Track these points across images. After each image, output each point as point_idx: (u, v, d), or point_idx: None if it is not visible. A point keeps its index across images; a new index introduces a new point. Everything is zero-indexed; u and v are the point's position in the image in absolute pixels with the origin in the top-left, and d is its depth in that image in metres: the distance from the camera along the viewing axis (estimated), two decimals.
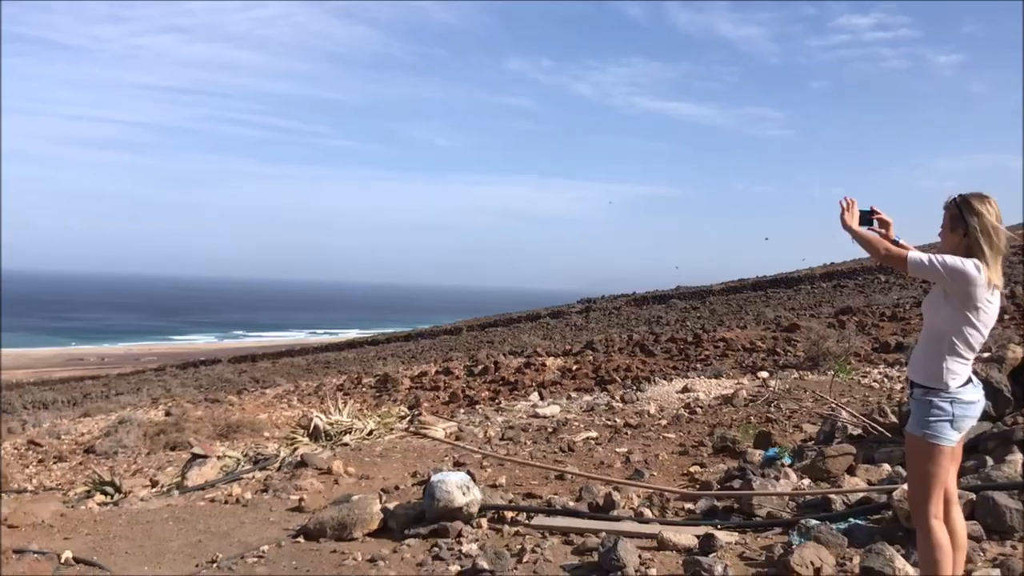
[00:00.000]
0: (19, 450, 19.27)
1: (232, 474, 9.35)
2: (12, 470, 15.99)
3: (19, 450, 19.27)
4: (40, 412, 30.69)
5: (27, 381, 56.65)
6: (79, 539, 6.75)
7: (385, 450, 9.88)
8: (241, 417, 20.20)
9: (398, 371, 27.23)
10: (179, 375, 47.54)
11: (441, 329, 61.42)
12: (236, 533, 6.75)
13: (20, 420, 25.65)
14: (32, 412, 30.87)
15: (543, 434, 10.52)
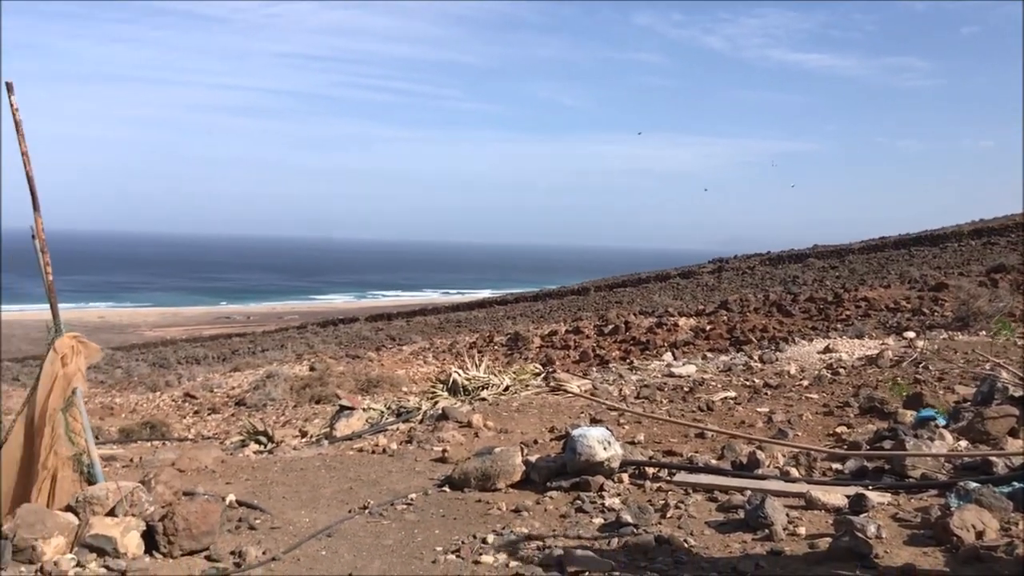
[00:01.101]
0: (176, 402, 20.51)
1: (377, 425, 9.69)
2: (171, 420, 17.06)
3: (176, 402, 20.51)
4: (193, 367, 32.52)
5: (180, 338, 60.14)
6: (239, 484, 7.15)
7: (521, 405, 10.01)
8: (380, 372, 20.87)
9: (528, 330, 27.48)
10: (320, 332, 49.43)
11: (569, 289, 61.50)
12: (384, 481, 7.00)
13: (176, 374, 27.28)
14: (186, 367, 32.75)
15: (679, 393, 10.43)
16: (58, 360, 5.59)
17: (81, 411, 5.62)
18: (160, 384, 23.57)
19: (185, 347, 48.74)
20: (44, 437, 5.40)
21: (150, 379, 25.79)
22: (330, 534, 5.55)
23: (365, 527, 5.71)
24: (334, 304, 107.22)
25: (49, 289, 5.84)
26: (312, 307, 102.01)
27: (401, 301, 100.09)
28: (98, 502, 5.28)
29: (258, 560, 5.01)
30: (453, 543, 5.28)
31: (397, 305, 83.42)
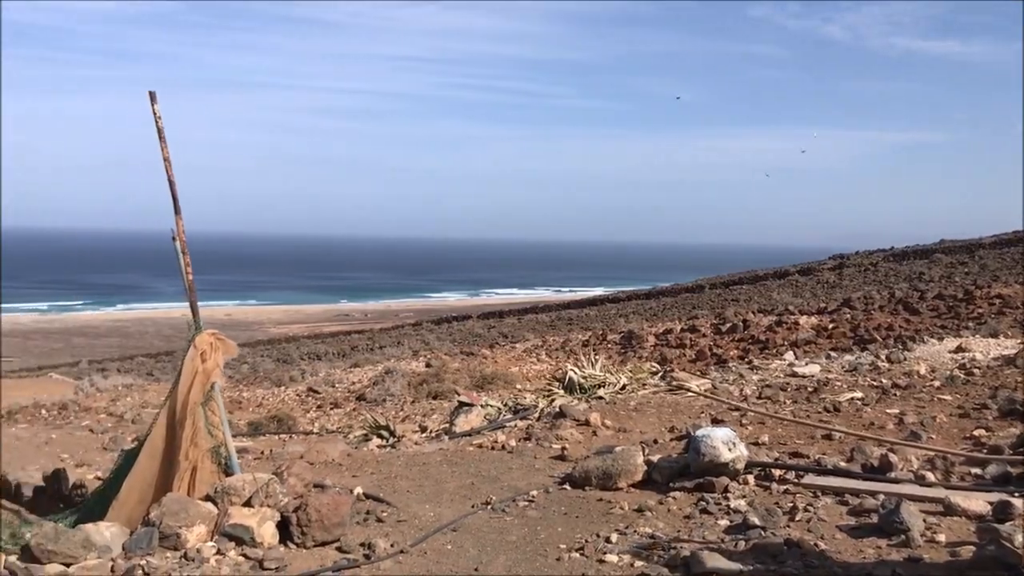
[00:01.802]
0: (300, 397, 21.17)
1: (495, 422, 9.78)
2: (296, 414, 17.62)
3: (300, 397, 21.17)
4: (315, 363, 33.55)
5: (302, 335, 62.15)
6: (365, 477, 7.34)
7: (639, 404, 9.93)
8: (494, 369, 21.03)
9: (642, 328, 27.22)
10: (434, 330, 50.25)
11: (682, 287, 60.61)
12: (505, 478, 7.06)
13: (299, 370, 28.16)
14: (308, 363, 33.82)
15: (803, 393, 10.14)
16: (198, 356, 5.85)
17: (219, 405, 5.87)
18: (284, 379, 24.38)
19: (307, 343, 50.34)
20: (185, 429, 5.66)
21: (275, 374, 26.73)
22: (455, 528, 5.64)
23: (489, 523, 5.78)
24: (447, 302, 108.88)
25: (190, 288, 6.11)
26: (426, 305, 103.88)
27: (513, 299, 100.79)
28: (235, 492, 5.50)
29: (387, 552, 5.13)
30: (576, 541, 5.28)
31: (509, 303, 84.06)
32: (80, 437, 13.57)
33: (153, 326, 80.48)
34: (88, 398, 22.26)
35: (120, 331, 76.66)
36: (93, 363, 46.32)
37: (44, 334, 73.29)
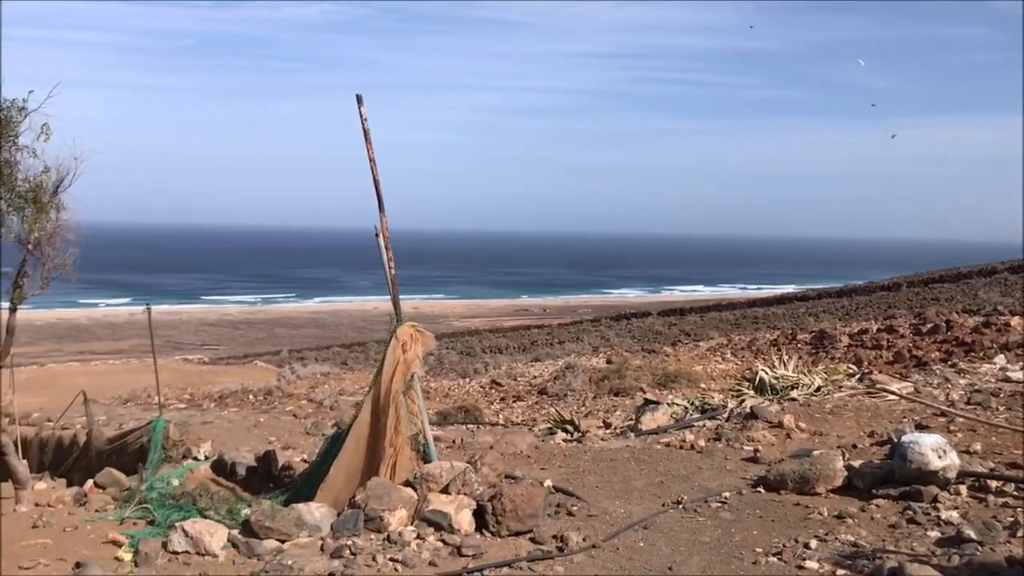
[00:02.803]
0: (484, 388, 21.66)
1: (682, 421, 9.65)
2: (480, 405, 18.04)
3: (484, 388, 21.66)
4: (497, 356, 34.21)
5: (483, 329, 63.53)
6: (553, 470, 7.42)
7: (835, 407, 9.52)
8: (677, 368, 20.72)
9: (834, 327, 26.06)
10: (613, 326, 50.11)
11: (877, 285, 57.50)
12: (695, 478, 6.96)
13: (483, 363, 28.83)
14: (491, 356, 34.54)
15: (1018, 400, 9.40)
16: (399, 347, 6.11)
17: (418, 395, 6.11)
18: (469, 371, 25.03)
19: (488, 337, 51.41)
20: (389, 417, 5.93)
21: (460, 366, 27.49)
22: (646, 526, 5.61)
23: (680, 522, 5.71)
24: (627, 298, 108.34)
25: (392, 282, 6.38)
26: (604, 301, 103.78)
27: (695, 296, 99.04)
28: (433, 479, 5.71)
29: (579, 546, 5.17)
30: (773, 545, 5.13)
31: (691, 300, 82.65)
32: (285, 421, 14.47)
33: (347, 318, 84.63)
34: (289, 385, 23.69)
35: (317, 322, 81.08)
36: (293, 352, 49.20)
37: (249, 324, 78.59)
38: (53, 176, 9.57)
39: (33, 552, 7.73)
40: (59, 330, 64.46)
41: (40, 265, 10.17)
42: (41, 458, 14.76)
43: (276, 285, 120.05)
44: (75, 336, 65.25)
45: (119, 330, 70.81)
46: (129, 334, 67.21)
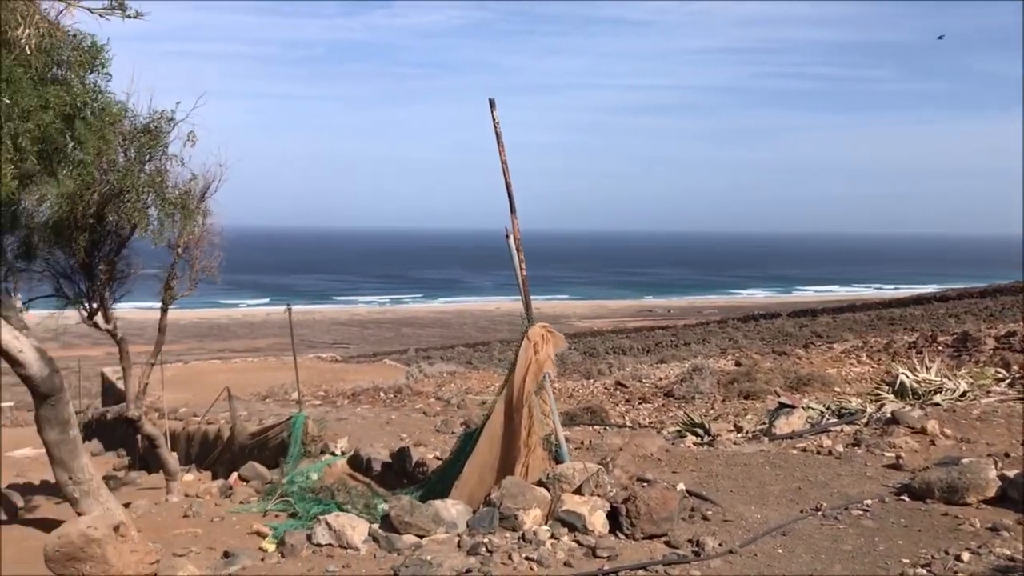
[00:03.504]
0: (608, 390, 21.56)
1: (818, 426, 9.36)
2: (606, 406, 17.98)
3: (608, 390, 21.56)
4: (621, 357, 34.00)
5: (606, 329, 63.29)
6: (685, 474, 7.32)
7: (983, 413, 9.04)
8: (810, 371, 20.11)
9: (978, 329, 24.76)
10: (741, 327, 49.04)
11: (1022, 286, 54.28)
12: (834, 484, 6.74)
13: (607, 364, 28.70)
14: (614, 357, 34.36)
15: None
16: (531, 347, 6.17)
17: (549, 395, 6.15)
18: (593, 372, 24.95)
19: (612, 338, 51.15)
20: (522, 417, 5.99)
21: (583, 367, 27.44)
22: (784, 533, 5.47)
23: (820, 529, 5.55)
24: (754, 299, 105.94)
25: (523, 284, 6.44)
26: (730, 302, 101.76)
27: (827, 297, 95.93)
28: (566, 480, 5.73)
29: (715, 551, 5.09)
30: (921, 556, 4.93)
31: (820, 300, 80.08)
32: (415, 419, 14.79)
33: (471, 318, 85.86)
34: (417, 383, 24.19)
35: (442, 322, 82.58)
36: (419, 351, 50.23)
37: (378, 324, 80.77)
38: (200, 183, 10.13)
39: (185, 540, 8.19)
40: (201, 329, 67.83)
41: (188, 268, 10.80)
42: (188, 451, 15.60)
43: (403, 286, 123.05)
44: (216, 335, 68.57)
45: (257, 329, 74.02)
46: (266, 333, 70.17)
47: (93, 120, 7.71)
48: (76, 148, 7.68)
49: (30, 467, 18.95)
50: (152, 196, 9.55)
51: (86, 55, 7.42)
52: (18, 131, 6.89)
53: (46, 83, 7.25)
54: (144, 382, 10.85)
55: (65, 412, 7.64)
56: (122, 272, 10.37)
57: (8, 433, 28.68)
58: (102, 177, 9.10)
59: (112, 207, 9.46)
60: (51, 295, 10.17)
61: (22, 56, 6.78)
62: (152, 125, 9.30)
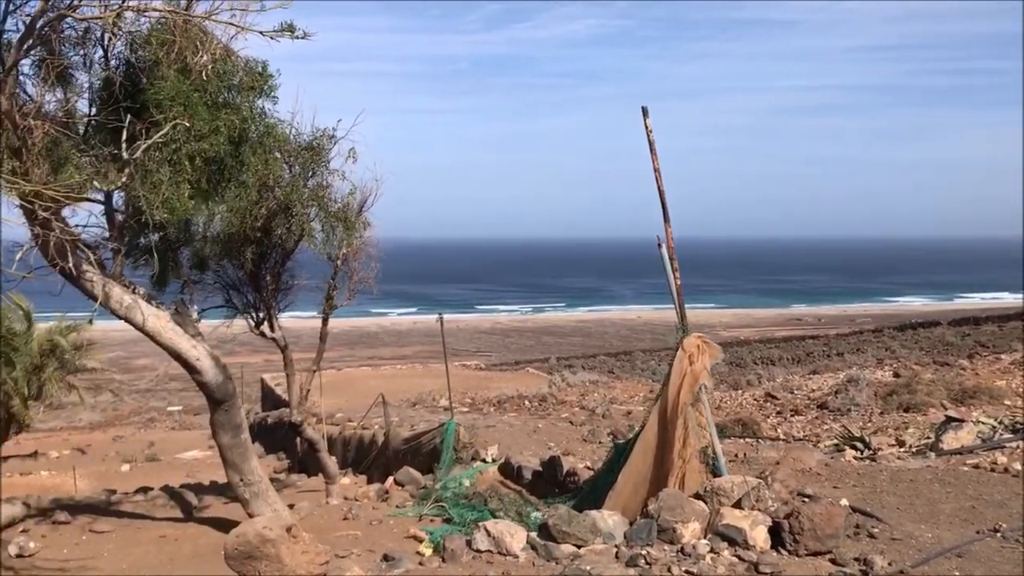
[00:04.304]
0: (758, 401, 21.00)
1: (990, 441, 8.84)
2: (757, 418, 17.51)
3: (758, 401, 21.00)
4: (770, 368, 33.07)
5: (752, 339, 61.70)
6: (846, 489, 7.06)
7: None
8: (976, 382, 19.00)
9: None
10: (897, 337, 46.82)
11: None
12: (1012, 504, 6.35)
13: (755, 374, 28.00)
14: (763, 367, 33.47)
15: None
16: (686, 358, 6.10)
17: (705, 407, 6.06)
18: (741, 383, 24.38)
19: (759, 348, 49.81)
20: (676, 429, 5.93)
21: (731, 378, 26.86)
22: (960, 554, 5.20)
23: (1000, 552, 5.24)
24: (911, 307, 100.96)
25: (677, 292, 6.38)
26: (885, 310, 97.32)
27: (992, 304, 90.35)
28: (724, 494, 5.63)
29: (885, 570, 4.89)
30: None
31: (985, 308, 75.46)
32: (562, 428, 14.85)
33: (611, 327, 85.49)
34: (560, 392, 24.26)
35: (582, 331, 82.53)
36: (561, 360, 50.34)
37: (519, 332, 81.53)
38: (358, 197, 10.55)
39: (346, 542, 8.51)
40: (352, 337, 70.24)
41: (347, 279, 11.25)
42: (344, 454, 16.20)
43: (544, 295, 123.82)
44: (366, 342, 70.90)
45: (404, 337, 76.09)
46: (412, 341, 72.03)
47: (258, 143, 8.17)
48: (242, 170, 8.14)
49: (198, 468, 20.14)
50: (315, 210, 10.02)
51: (256, 80, 7.85)
52: (194, 153, 7.35)
53: (219, 107, 7.70)
54: (306, 388, 11.35)
55: (237, 417, 8.09)
56: (286, 283, 10.90)
57: (176, 436, 30.58)
58: (269, 193, 9.60)
59: (278, 221, 9.96)
60: (221, 305, 10.79)
61: (198, 81, 7.24)
62: (315, 143, 9.76)
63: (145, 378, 54.64)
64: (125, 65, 7.34)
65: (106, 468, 21.06)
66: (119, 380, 51.05)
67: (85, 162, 6.66)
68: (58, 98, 7.24)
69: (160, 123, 6.70)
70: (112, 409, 43.10)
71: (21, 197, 5.98)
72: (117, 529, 9.39)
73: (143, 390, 50.75)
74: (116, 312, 7.28)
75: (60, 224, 6.37)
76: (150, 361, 57.51)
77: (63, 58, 6.89)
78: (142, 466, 21.57)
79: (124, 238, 7.94)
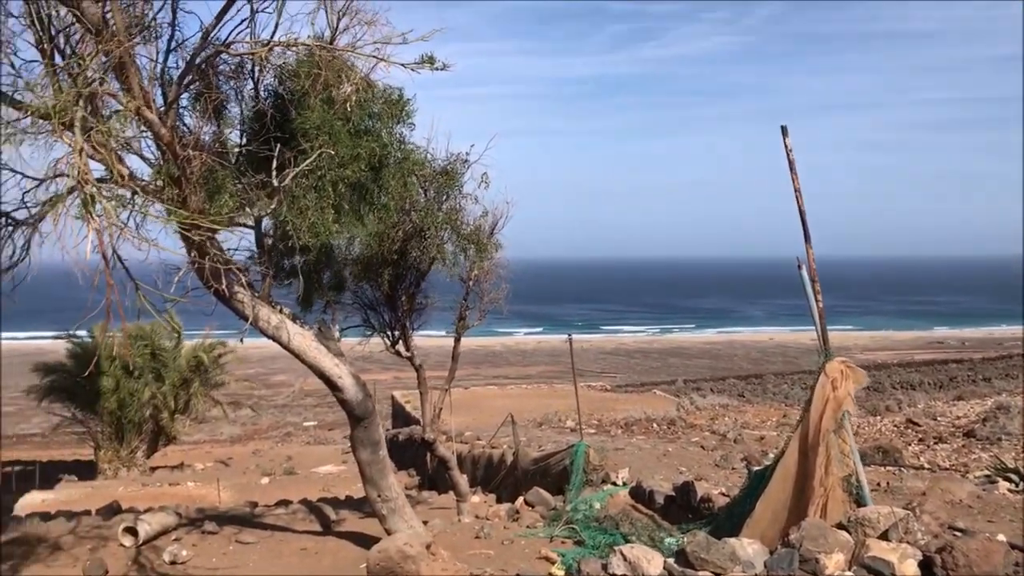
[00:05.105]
0: (898, 428, 20.09)
1: None
2: (896, 445, 16.76)
3: (898, 428, 20.09)
4: (910, 393, 31.67)
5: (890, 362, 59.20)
6: (1003, 524, 6.68)
7: None
8: None
9: None
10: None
11: None
12: None
13: (894, 399, 26.86)
14: (903, 392, 32.08)
15: None
16: (828, 383, 5.92)
17: (848, 434, 5.86)
18: (880, 408, 23.41)
19: (898, 372, 47.82)
20: (818, 456, 5.76)
21: (869, 403, 25.82)
22: None
23: None
24: None
25: (819, 316, 6.21)
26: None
27: None
28: (870, 524, 5.43)
29: None
30: None
31: None
32: (692, 452, 14.61)
33: (741, 348, 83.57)
34: (689, 415, 23.87)
35: (710, 353, 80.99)
36: (688, 382, 49.60)
37: (644, 353, 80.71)
38: (490, 219, 10.73)
39: (479, 561, 8.60)
40: (477, 356, 71.06)
41: (478, 300, 11.44)
42: (473, 472, 16.40)
43: (670, 315, 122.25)
44: (491, 361, 71.64)
45: (528, 357, 76.53)
46: (537, 360, 72.36)
47: (396, 168, 8.44)
48: (381, 194, 8.42)
49: (333, 482, 20.75)
50: (448, 232, 10.26)
51: (394, 107, 8.12)
52: (337, 179, 7.65)
53: (360, 134, 7.99)
54: (438, 407, 11.58)
55: (376, 434, 8.32)
56: (420, 304, 11.17)
57: (311, 450, 31.61)
58: (405, 216, 9.89)
59: (414, 244, 10.24)
60: (359, 325, 11.13)
61: (341, 111, 7.55)
62: (449, 167, 10.00)
63: (282, 394, 56.86)
64: (274, 96, 7.73)
65: (247, 480, 21.94)
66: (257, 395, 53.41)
67: (237, 190, 7.03)
68: (212, 129, 7.68)
69: (306, 151, 7.01)
70: (251, 423, 45.01)
71: (180, 223, 6.35)
72: (261, 540, 9.78)
73: (280, 405, 52.80)
74: (264, 331, 7.62)
75: (215, 249, 6.73)
76: (287, 377, 59.85)
77: (219, 92, 7.30)
78: (280, 479, 22.38)
79: (271, 261, 8.32)
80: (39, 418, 39.48)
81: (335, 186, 7.63)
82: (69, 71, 5.90)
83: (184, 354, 26.81)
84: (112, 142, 5.75)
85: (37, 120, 5.66)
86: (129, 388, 24.95)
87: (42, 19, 6.11)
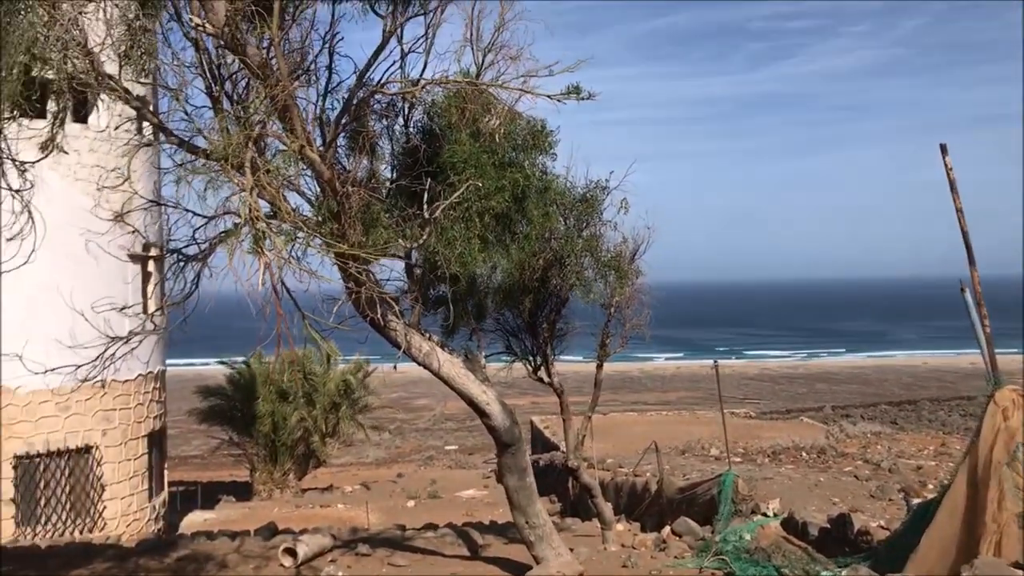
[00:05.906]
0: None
1: None
2: None
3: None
4: None
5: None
6: None
7: None
8: None
9: None
10: None
11: None
12: None
13: None
14: None
15: None
16: (999, 413, 5.61)
17: (1023, 467, 5.52)
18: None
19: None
20: (990, 490, 5.45)
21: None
22: None
23: None
24: None
25: (987, 341, 5.91)
26: None
27: None
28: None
29: None
30: None
31: None
32: (845, 482, 14.05)
33: (892, 373, 79.82)
34: (840, 443, 22.93)
35: (859, 378, 77.72)
36: (837, 408, 47.71)
37: (789, 379, 78.21)
38: (630, 245, 10.70)
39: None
40: (615, 382, 70.57)
41: (620, 326, 11.40)
42: (617, 500, 16.27)
43: (818, 339, 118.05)
44: (628, 387, 71.02)
45: (667, 382, 75.47)
46: (676, 386, 71.28)
47: (538, 198, 8.57)
48: (524, 223, 8.57)
49: (475, 507, 21.02)
50: (588, 259, 10.29)
51: (539, 138, 8.27)
52: (483, 210, 7.83)
53: (504, 166, 8.16)
54: (582, 434, 11.57)
55: (523, 460, 8.40)
56: (561, 330, 11.22)
57: (453, 474, 32.12)
58: (546, 245, 9.99)
59: (554, 271, 10.32)
60: (502, 352, 11.28)
61: (487, 143, 7.75)
62: (588, 194, 10.06)
63: (423, 417, 58.06)
64: (423, 132, 8.01)
65: (393, 503, 22.51)
66: (400, 419, 54.76)
67: (391, 223, 7.30)
68: (366, 165, 8.01)
69: (455, 184, 7.22)
70: (394, 447, 46.17)
71: (337, 256, 6.65)
72: (412, 563, 10.00)
73: (422, 429, 53.91)
74: (415, 358, 7.84)
75: (370, 279, 7.00)
76: (428, 401, 61.12)
77: (372, 130, 7.63)
78: (425, 502, 22.85)
79: (420, 290, 8.57)
80: (198, 440, 41.79)
81: (481, 217, 7.81)
82: (236, 115, 6.30)
83: (334, 378, 27.87)
84: (276, 181, 6.10)
85: (205, 161, 6.09)
86: (283, 412, 26.11)
87: (212, 67, 6.57)
